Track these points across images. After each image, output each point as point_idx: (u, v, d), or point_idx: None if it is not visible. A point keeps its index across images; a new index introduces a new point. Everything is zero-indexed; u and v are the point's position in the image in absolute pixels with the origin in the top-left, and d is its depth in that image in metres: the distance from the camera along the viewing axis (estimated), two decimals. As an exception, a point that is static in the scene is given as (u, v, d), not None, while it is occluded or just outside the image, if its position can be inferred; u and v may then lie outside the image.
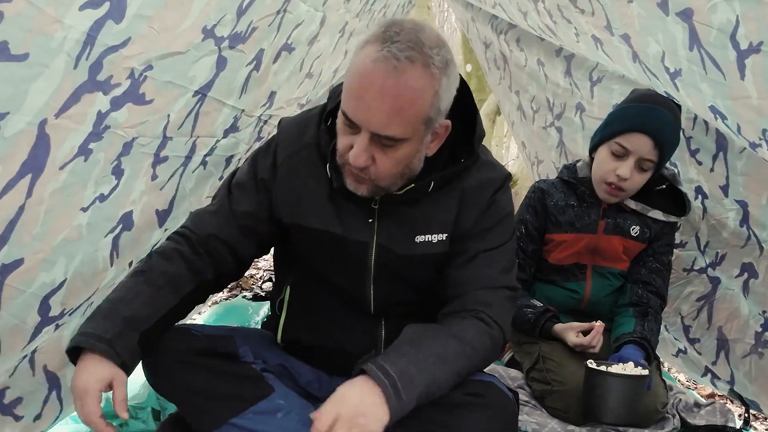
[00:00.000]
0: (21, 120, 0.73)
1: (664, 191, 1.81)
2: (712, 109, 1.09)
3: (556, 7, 1.48)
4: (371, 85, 0.97)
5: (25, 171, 0.78)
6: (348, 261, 1.18)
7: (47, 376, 1.22)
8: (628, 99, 1.75)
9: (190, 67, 0.95)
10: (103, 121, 0.85)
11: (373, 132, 1.00)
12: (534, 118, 2.63)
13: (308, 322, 1.26)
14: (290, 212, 1.17)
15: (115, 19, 0.76)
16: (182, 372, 1.10)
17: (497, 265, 1.19)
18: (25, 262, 0.87)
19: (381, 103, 0.97)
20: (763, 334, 1.76)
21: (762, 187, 1.57)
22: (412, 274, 1.20)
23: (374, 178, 1.06)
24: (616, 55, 1.35)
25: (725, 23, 0.91)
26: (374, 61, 0.96)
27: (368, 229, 1.16)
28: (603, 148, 1.73)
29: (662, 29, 1.06)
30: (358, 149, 1.01)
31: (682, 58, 1.05)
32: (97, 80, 0.80)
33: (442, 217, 1.17)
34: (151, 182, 1.05)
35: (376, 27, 1.01)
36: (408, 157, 1.06)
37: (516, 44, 2.38)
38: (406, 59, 0.96)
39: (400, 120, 0.99)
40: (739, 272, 1.80)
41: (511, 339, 1.96)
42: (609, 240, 1.80)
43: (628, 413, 1.53)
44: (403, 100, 0.98)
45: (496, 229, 1.20)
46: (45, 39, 0.70)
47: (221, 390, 1.11)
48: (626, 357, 1.61)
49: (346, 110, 1.01)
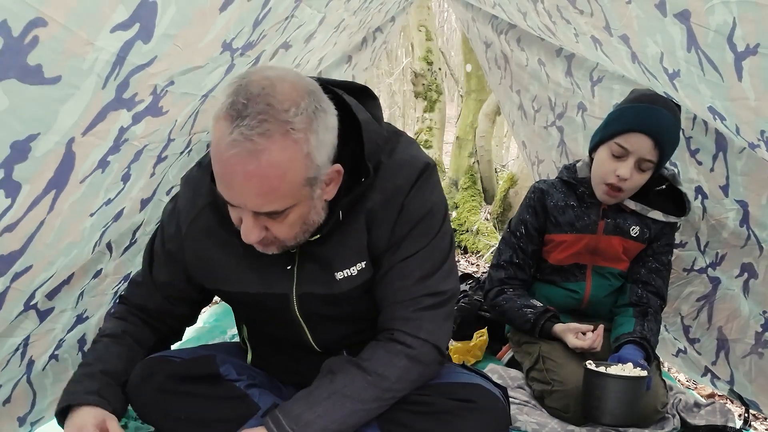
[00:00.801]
0: (50, 140, 0.75)
1: (664, 191, 1.83)
2: (711, 110, 1.11)
3: (555, 7, 1.49)
4: (234, 174, 0.91)
5: (50, 188, 0.80)
6: (275, 314, 1.18)
7: (27, 363, 1.26)
8: (628, 99, 1.76)
9: (205, 78, 0.97)
10: (123, 135, 0.87)
11: (253, 211, 0.97)
12: (535, 118, 2.63)
13: (270, 359, 1.30)
14: (207, 279, 1.19)
15: (144, 40, 0.78)
16: (166, 401, 1.13)
17: (414, 274, 1.12)
18: (33, 267, 0.90)
19: (250, 188, 0.92)
20: (764, 334, 1.79)
21: (762, 186, 1.59)
22: (343, 311, 1.18)
23: (276, 242, 1.03)
24: (616, 55, 1.36)
25: (722, 25, 0.92)
26: (228, 147, 0.89)
27: (287, 278, 1.14)
28: (603, 149, 1.75)
29: (660, 30, 1.07)
30: (246, 228, 0.97)
31: (680, 59, 1.07)
32: (123, 98, 0.82)
33: (354, 246, 1.12)
34: (149, 179, 1.08)
35: (225, 96, 0.92)
36: (302, 217, 1.01)
37: (517, 44, 2.39)
38: (261, 136, 0.89)
39: (276, 196, 0.95)
40: (739, 272, 1.82)
41: (511, 339, 1.99)
42: (609, 240, 1.83)
43: (627, 414, 1.55)
44: (271, 179, 0.92)
45: (412, 234, 1.12)
46: (77, 61, 0.71)
47: (207, 415, 1.14)
48: (626, 357, 1.64)
49: (222, 194, 0.96)
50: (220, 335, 2.28)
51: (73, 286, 1.26)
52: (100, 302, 1.46)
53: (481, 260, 4.97)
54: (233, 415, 1.14)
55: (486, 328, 2.15)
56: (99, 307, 1.48)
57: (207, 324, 2.41)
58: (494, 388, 1.21)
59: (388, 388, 1.09)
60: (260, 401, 1.17)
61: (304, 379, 1.18)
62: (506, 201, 5.28)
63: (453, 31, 6.72)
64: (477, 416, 1.12)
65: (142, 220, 1.41)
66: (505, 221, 4.99)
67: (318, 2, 1.30)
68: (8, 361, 1.17)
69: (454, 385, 1.18)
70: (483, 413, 1.13)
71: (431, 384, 1.17)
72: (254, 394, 1.18)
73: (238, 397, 1.16)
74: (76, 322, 1.39)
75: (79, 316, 1.39)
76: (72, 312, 1.33)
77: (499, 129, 6.45)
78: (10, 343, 1.12)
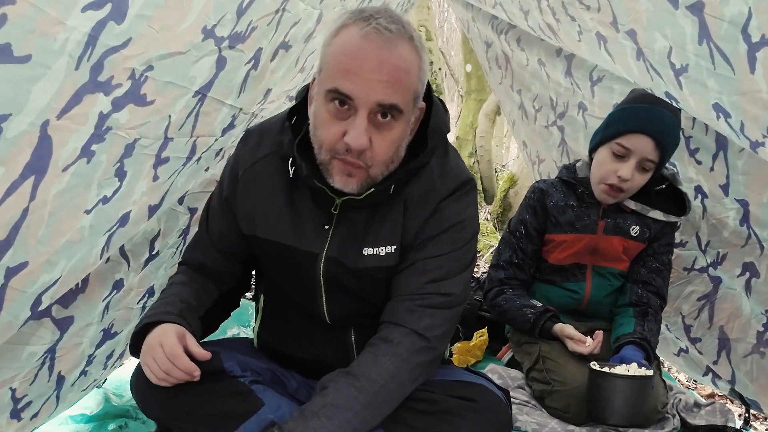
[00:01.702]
0: (23, 121, 0.73)
1: (664, 191, 1.81)
2: (716, 107, 1.09)
3: (560, 4, 1.47)
4: (368, 59, 0.98)
5: (28, 173, 0.78)
6: (299, 272, 1.17)
7: (57, 379, 1.24)
8: (629, 99, 1.75)
9: (191, 67, 0.95)
10: (105, 122, 0.85)
11: (374, 103, 0.99)
12: (536, 117, 2.63)
13: (281, 332, 1.28)
14: (247, 224, 1.19)
15: (117, 20, 0.76)
16: (169, 396, 1.10)
17: (431, 274, 1.13)
18: (29, 265, 0.87)
19: (380, 74, 0.98)
20: (765, 334, 1.76)
21: (763, 185, 1.57)
22: (362, 288, 1.18)
23: (369, 164, 1.04)
24: (619, 53, 1.34)
25: (737, 15, 0.90)
26: (364, 37, 0.98)
27: (321, 239, 1.14)
28: (603, 149, 1.74)
29: (671, 23, 1.05)
30: (358, 130, 0.99)
31: (690, 52, 1.05)
32: (98, 81, 0.80)
33: (389, 229, 1.14)
34: (152, 183, 1.06)
35: (347, 14, 1.04)
36: (400, 138, 1.06)
37: (517, 44, 2.38)
38: (395, 32, 1.00)
39: (399, 88, 1.01)
40: (740, 271, 1.80)
41: (511, 339, 1.97)
42: (609, 240, 1.81)
43: (633, 414, 1.53)
44: (400, 70, 1.00)
45: (441, 237, 1.14)
46: (47, 40, 0.70)
47: (210, 410, 1.12)
48: (628, 358, 1.62)
49: (339, 87, 0.99)
50: (219, 335, 2.26)
51: (90, 296, 1.24)
52: (127, 317, 1.45)
53: (481, 260, 4.96)
54: (237, 410, 1.12)
55: (486, 328, 2.14)
56: (127, 323, 1.47)
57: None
58: (497, 390, 1.19)
59: (378, 392, 1.06)
60: (264, 397, 1.14)
61: (307, 354, 1.24)
62: (506, 201, 5.27)
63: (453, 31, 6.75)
64: (478, 416, 1.10)
65: (158, 230, 1.40)
66: (505, 221, 4.98)
67: (311, -3, 1.29)
68: (36, 375, 1.16)
69: (456, 383, 1.17)
70: (484, 413, 1.11)
71: (434, 381, 1.16)
72: (258, 389, 1.16)
73: (242, 392, 1.14)
74: (104, 337, 1.38)
75: (106, 330, 1.38)
76: (98, 326, 1.32)
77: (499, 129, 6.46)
78: (28, 352, 1.10)
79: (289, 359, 1.29)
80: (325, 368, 1.13)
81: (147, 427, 1.50)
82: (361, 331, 1.19)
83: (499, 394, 1.18)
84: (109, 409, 1.55)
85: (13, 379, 1.10)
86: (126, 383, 1.28)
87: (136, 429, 1.50)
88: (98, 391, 1.61)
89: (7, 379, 1.08)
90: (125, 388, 1.56)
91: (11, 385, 1.11)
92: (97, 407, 1.55)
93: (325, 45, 1.05)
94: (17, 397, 1.14)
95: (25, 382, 1.14)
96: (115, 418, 1.53)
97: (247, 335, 2.29)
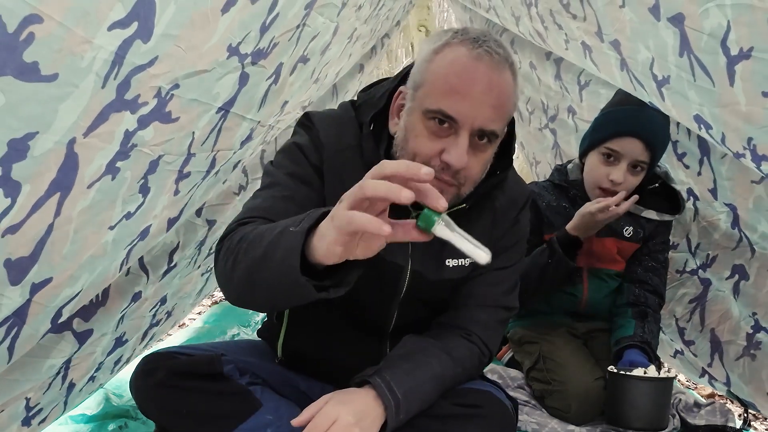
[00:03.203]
0: (50, 139, 0.71)
1: (657, 190, 1.80)
2: (697, 119, 1.08)
3: (548, 12, 1.45)
4: (479, 80, 0.96)
5: (53, 190, 0.76)
6: (379, 283, 1.14)
7: (68, 386, 1.22)
8: (614, 102, 1.73)
9: (215, 84, 0.92)
10: (131, 139, 0.83)
11: (477, 128, 0.97)
12: (530, 120, 2.64)
13: (310, 336, 1.22)
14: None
15: (143, 39, 0.74)
16: (167, 396, 1.08)
17: (503, 285, 1.18)
18: (53, 280, 0.85)
19: (488, 98, 0.97)
20: (754, 336, 1.75)
21: (747, 191, 1.56)
22: (437, 297, 1.18)
23: (462, 183, 1.02)
24: (604, 63, 1.33)
25: (716, 28, 0.89)
26: (476, 58, 0.96)
27: (404, 251, 1.12)
28: (593, 154, 1.72)
29: (653, 35, 1.04)
30: (461, 150, 0.97)
31: (671, 64, 1.04)
32: (125, 99, 0.77)
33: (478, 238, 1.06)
34: (173, 197, 1.04)
35: (449, 32, 1.01)
36: (489, 160, 1.06)
37: (510, 47, 2.39)
38: (503, 57, 0.98)
39: (501, 115, 1.00)
40: (729, 274, 1.79)
41: (511, 339, 1.96)
42: (602, 242, 1.80)
43: (657, 417, 1.51)
44: (504, 96, 0.99)
45: (513, 248, 1.20)
46: (74, 59, 0.68)
47: (207, 411, 1.09)
48: (637, 361, 1.61)
49: (444, 108, 0.97)
50: (220, 335, 2.25)
51: (110, 308, 1.22)
52: (138, 325, 1.43)
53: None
54: (235, 411, 1.10)
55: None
56: (137, 330, 1.45)
57: (207, 324, 2.38)
58: (505, 398, 1.18)
59: (459, 383, 1.13)
60: (262, 398, 1.12)
61: (334, 359, 1.18)
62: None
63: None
64: (481, 422, 1.09)
65: (177, 242, 1.38)
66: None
67: (330, 11, 1.26)
68: (50, 384, 1.14)
69: (462, 390, 1.15)
70: (488, 419, 1.10)
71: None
72: (256, 390, 1.13)
73: (240, 392, 1.12)
74: (116, 345, 1.36)
75: (118, 338, 1.36)
76: (112, 335, 1.30)
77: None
78: (48, 364, 1.08)
79: (310, 363, 1.25)
80: (348, 373, 1.10)
81: (147, 427, 1.48)
82: (397, 339, 1.17)
83: (506, 402, 1.17)
84: (109, 409, 1.53)
85: (30, 390, 1.09)
86: (126, 383, 1.26)
87: (136, 429, 1.49)
88: (98, 391, 1.59)
89: (25, 390, 1.06)
90: (125, 388, 1.54)
91: (27, 396, 1.09)
92: (97, 407, 1.54)
93: (424, 60, 1.02)
94: (31, 405, 1.12)
95: (39, 391, 1.12)
96: (115, 418, 1.51)
97: (248, 335, 2.28)
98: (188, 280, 1.62)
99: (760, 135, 0.95)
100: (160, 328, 1.59)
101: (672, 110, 1.17)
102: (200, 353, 1.17)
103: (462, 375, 1.12)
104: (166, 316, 1.61)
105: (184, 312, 1.77)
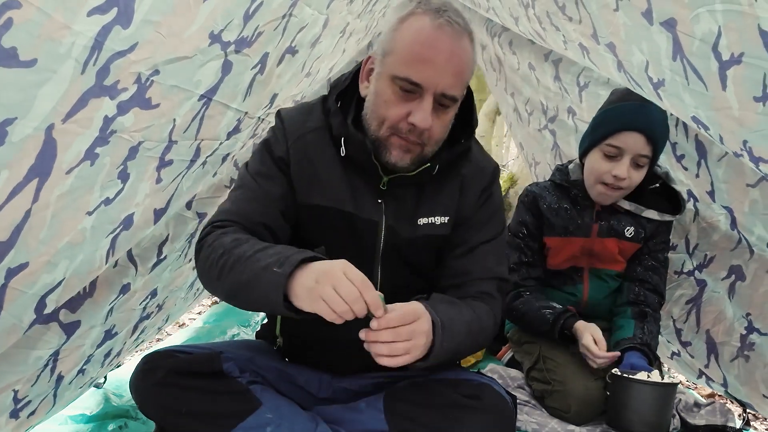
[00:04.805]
0: (28, 125, 0.72)
1: (658, 190, 1.80)
2: (695, 120, 1.09)
3: (545, 13, 1.47)
4: (441, 49, 1.05)
5: (32, 176, 0.77)
6: (358, 241, 1.19)
7: (56, 379, 1.23)
8: (612, 100, 1.73)
9: (196, 71, 0.94)
10: (110, 125, 0.84)
11: (440, 92, 1.06)
12: (529, 121, 2.63)
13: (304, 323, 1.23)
14: (303, 193, 1.19)
15: (123, 25, 0.75)
16: (166, 395, 1.10)
17: (493, 257, 1.25)
18: (30, 265, 0.86)
19: (449, 65, 1.06)
20: (748, 337, 1.75)
21: (742, 194, 1.57)
22: (415, 258, 1.23)
23: (425, 143, 1.11)
24: (602, 63, 1.34)
25: (708, 33, 0.91)
26: (437, 28, 1.05)
27: (377, 209, 1.18)
28: (594, 152, 1.72)
29: (647, 38, 1.05)
30: (426, 112, 1.07)
31: (665, 68, 1.05)
32: (104, 85, 0.79)
33: (445, 201, 1.22)
34: (155, 185, 1.05)
35: (414, 2, 1.10)
36: (450, 121, 1.15)
37: (509, 47, 2.38)
38: (461, 27, 1.07)
39: (461, 79, 1.09)
40: (726, 274, 1.79)
41: (511, 339, 1.97)
42: (603, 243, 1.80)
43: (659, 422, 1.51)
44: (463, 62, 1.08)
45: (493, 220, 1.27)
46: (53, 45, 0.69)
47: (207, 409, 1.11)
48: (638, 365, 1.60)
49: (410, 76, 1.06)
50: (220, 335, 2.26)
51: (97, 300, 1.23)
52: (128, 318, 1.45)
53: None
54: (234, 410, 1.11)
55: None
56: (127, 323, 1.46)
57: (207, 324, 2.38)
58: (503, 391, 1.19)
59: (479, 343, 1.19)
60: (262, 397, 1.14)
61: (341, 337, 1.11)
62: (506, 201, 5.26)
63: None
64: (481, 413, 1.11)
65: (167, 235, 1.40)
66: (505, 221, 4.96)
67: (318, 2, 1.28)
68: (38, 377, 1.15)
69: (461, 380, 1.18)
70: (488, 411, 1.11)
71: (439, 378, 1.17)
72: (256, 389, 1.15)
73: (240, 392, 1.13)
74: (105, 338, 1.37)
75: (108, 331, 1.37)
76: (101, 328, 1.31)
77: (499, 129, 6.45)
78: (35, 356, 1.09)
79: (309, 347, 1.26)
80: (346, 349, 1.10)
81: (147, 427, 1.49)
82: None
83: (505, 396, 1.18)
84: (109, 409, 1.54)
85: (17, 382, 1.10)
86: (126, 383, 1.27)
87: (136, 429, 1.49)
88: (98, 391, 1.60)
89: (12, 382, 1.07)
90: (125, 388, 1.54)
91: (15, 387, 1.10)
92: (97, 407, 1.54)
93: (391, 30, 1.10)
94: (19, 398, 1.13)
95: (27, 384, 1.13)
96: (115, 418, 1.52)
97: (248, 335, 2.28)
98: (179, 273, 1.63)
99: (754, 138, 0.96)
100: (150, 321, 1.60)
101: (671, 110, 1.18)
102: (200, 351, 1.18)
103: (482, 332, 1.16)
104: (157, 310, 1.61)
105: (176, 306, 1.78)
